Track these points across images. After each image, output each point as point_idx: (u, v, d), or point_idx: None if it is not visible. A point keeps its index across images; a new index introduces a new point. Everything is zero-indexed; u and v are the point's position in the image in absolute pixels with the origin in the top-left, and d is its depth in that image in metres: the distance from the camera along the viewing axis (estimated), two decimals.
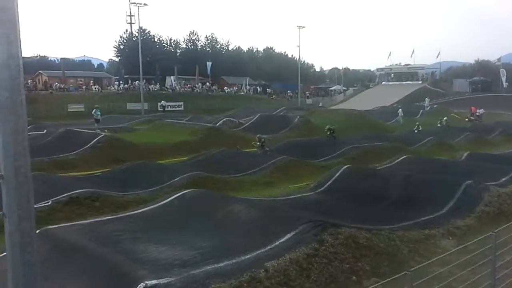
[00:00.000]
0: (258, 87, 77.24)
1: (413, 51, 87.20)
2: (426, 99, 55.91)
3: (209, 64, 70.04)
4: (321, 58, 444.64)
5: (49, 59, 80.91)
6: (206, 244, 9.33)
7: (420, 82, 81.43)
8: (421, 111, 49.43)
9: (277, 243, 8.79)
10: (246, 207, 11.33)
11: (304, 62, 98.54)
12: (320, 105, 66.94)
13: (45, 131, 26.78)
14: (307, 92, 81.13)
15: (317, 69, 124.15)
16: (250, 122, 35.17)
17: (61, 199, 13.18)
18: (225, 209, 11.20)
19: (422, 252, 9.50)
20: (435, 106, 55.72)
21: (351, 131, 31.11)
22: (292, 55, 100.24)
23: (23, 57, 2.95)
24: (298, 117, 36.29)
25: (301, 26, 68.44)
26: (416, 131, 33.72)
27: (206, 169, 18.68)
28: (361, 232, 9.47)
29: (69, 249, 8.72)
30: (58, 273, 8.16)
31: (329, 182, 15.53)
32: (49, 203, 12.85)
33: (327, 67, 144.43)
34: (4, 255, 8.45)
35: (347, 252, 8.72)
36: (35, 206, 3.26)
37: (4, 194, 3.04)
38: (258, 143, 23.32)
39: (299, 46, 72.71)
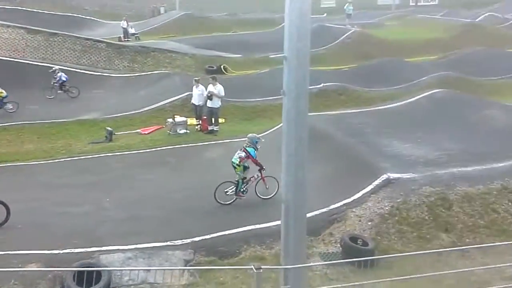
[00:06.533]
0: None
1: None
2: None
3: None
4: None
5: None
6: (454, 147, 8.99)
7: None
8: None
9: None
10: (504, 112, 10.26)
11: None
12: None
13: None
14: None
15: None
16: None
17: (312, 90, 14.26)
18: (479, 114, 10.42)
19: None
20: None
21: None
22: None
23: None
24: None
25: None
26: None
27: (458, 70, 17.44)
28: None
29: (319, 136, 9.43)
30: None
31: None
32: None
33: None
34: None
35: None
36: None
37: (285, 73, 3.47)
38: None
39: None
